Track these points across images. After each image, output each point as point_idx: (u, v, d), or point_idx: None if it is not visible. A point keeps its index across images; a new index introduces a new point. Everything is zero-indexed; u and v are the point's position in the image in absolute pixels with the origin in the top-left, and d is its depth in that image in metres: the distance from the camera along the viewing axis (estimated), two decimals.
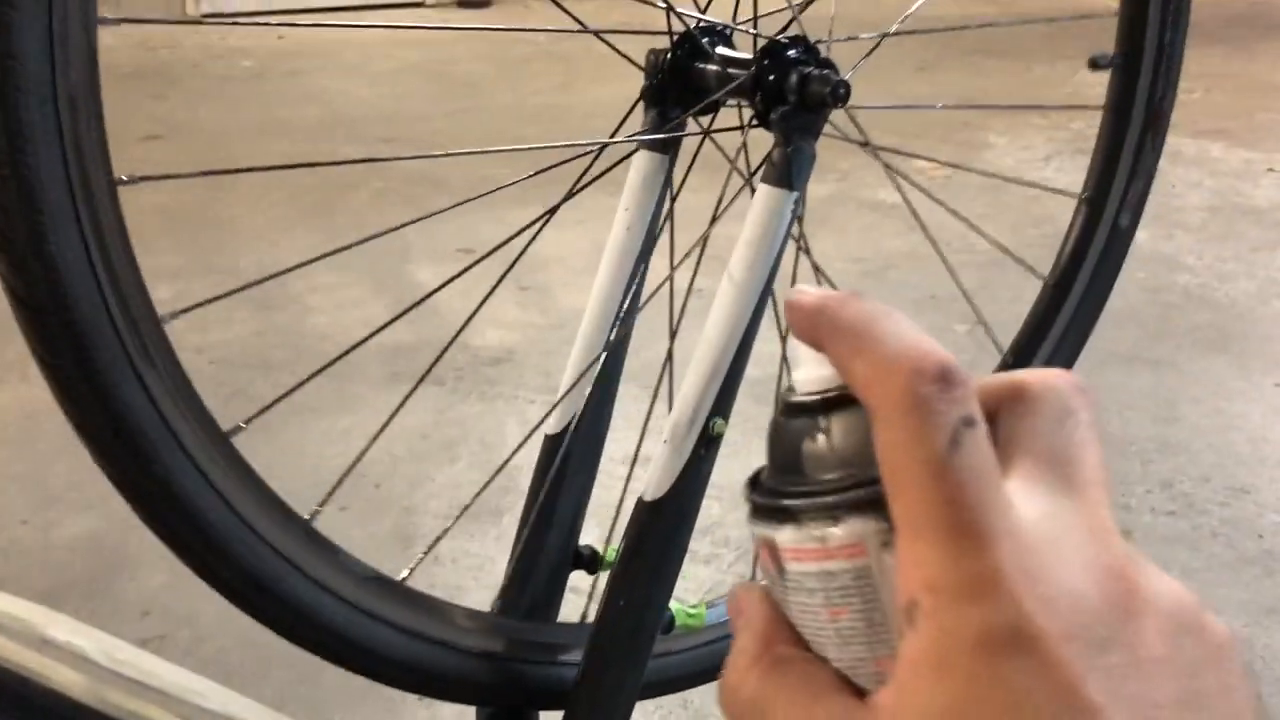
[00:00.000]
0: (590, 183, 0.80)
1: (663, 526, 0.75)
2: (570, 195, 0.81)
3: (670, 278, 0.84)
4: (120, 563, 1.81)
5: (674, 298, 0.85)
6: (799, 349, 0.29)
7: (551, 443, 0.86)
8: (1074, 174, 3.74)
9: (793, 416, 0.29)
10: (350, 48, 5.26)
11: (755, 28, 0.74)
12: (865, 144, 0.79)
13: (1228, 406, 2.35)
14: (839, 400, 0.29)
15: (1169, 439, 2.22)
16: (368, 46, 5.28)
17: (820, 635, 0.28)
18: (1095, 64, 1.03)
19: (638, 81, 0.81)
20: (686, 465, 0.74)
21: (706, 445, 0.74)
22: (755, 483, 0.30)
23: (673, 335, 0.86)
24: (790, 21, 0.73)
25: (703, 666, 0.85)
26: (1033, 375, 0.30)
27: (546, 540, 0.86)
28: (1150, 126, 1.03)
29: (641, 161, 0.82)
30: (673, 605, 0.81)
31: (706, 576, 1.80)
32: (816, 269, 0.86)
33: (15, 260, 0.56)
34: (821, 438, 0.28)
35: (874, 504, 0.27)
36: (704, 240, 0.84)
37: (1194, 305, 2.80)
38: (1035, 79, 4.90)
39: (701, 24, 0.77)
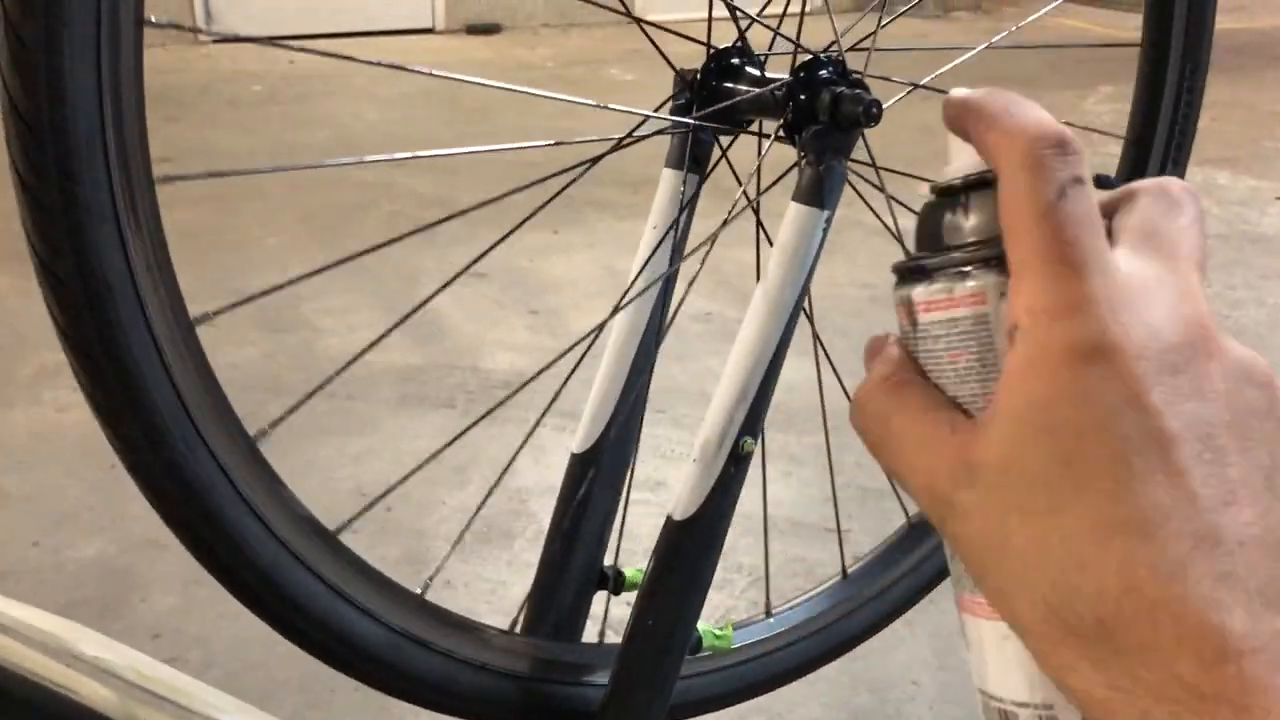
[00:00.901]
0: (591, 165, 0.80)
1: (692, 546, 0.75)
2: (567, 186, 0.80)
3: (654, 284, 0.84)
4: (131, 584, 1.80)
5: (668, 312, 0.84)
6: (951, 145, 0.35)
7: (577, 462, 0.85)
8: None
9: (938, 198, 0.35)
10: (359, 72, 5.29)
11: (792, 46, 0.74)
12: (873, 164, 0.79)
13: None
14: (978, 183, 0.34)
15: None
16: (376, 70, 5.31)
17: (942, 376, 0.33)
18: (1099, 182, 1.06)
19: (647, 106, 0.81)
20: (716, 484, 0.74)
21: (736, 464, 0.74)
22: (903, 261, 0.36)
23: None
24: (831, 44, 0.73)
25: (731, 688, 0.84)
26: (1148, 180, 0.35)
27: (571, 560, 0.85)
28: None
29: (670, 180, 0.82)
30: (700, 626, 0.80)
31: (719, 601, 1.79)
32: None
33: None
34: (960, 211, 0.34)
35: (997, 261, 0.32)
36: (701, 255, 0.83)
37: None
38: (1044, 105, 4.92)
39: (736, 43, 0.77)
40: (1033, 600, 0.29)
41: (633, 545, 1.88)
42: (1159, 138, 1.05)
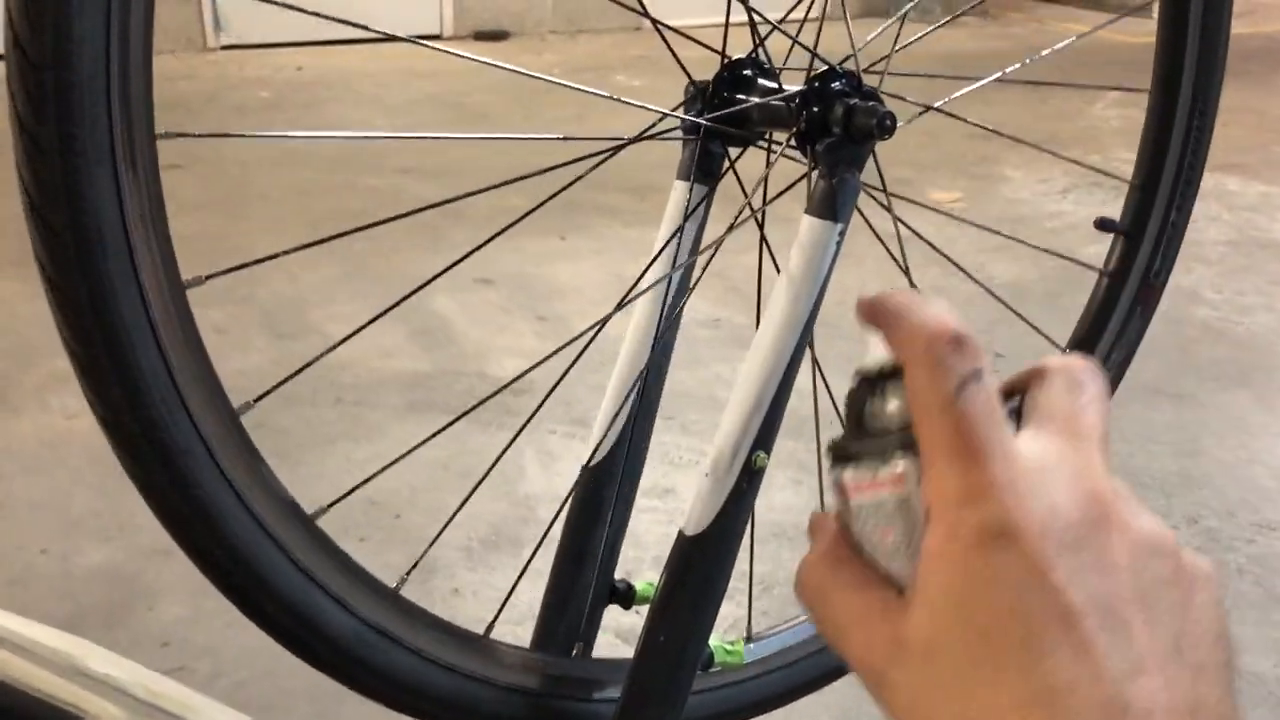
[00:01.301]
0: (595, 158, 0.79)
1: (703, 561, 0.74)
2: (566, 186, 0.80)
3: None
4: (139, 593, 1.80)
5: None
6: (869, 337, 0.37)
7: (588, 475, 0.85)
8: (1091, 207, 3.74)
9: (860, 387, 0.38)
10: (366, 79, 5.30)
11: (805, 58, 0.73)
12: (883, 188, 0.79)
13: (1251, 441, 2.33)
14: (892, 372, 0.37)
15: (1192, 473, 2.20)
16: (383, 77, 5.32)
17: (874, 551, 0.36)
18: (1101, 225, 1.07)
19: (654, 115, 0.81)
20: (728, 499, 0.73)
21: (749, 478, 0.73)
22: (834, 441, 0.39)
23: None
24: (846, 58, 0.73)
25: (742, 703, 0.84)
26: (1054, 359, 0.38)
27: (582, 574, 0.85)
28: (1141, 299, 1.06)
29: (680, 192, 0.81)
30: (712, 641, 0.80)
31: (727, 613, 1.77)
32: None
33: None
34: (879, 398, 0.37)
35: (912, 446, 0.35)
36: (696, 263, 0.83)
37: (1214, 339, 2.79)
38: (1050, 111, 4.92)
39: (751, 54, 0.77)
40: None
41: (641, 554, 1.88)
42: (1164, 183, 1.05)
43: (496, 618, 0.82)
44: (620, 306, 0.80)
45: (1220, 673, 0.32)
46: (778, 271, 0.81)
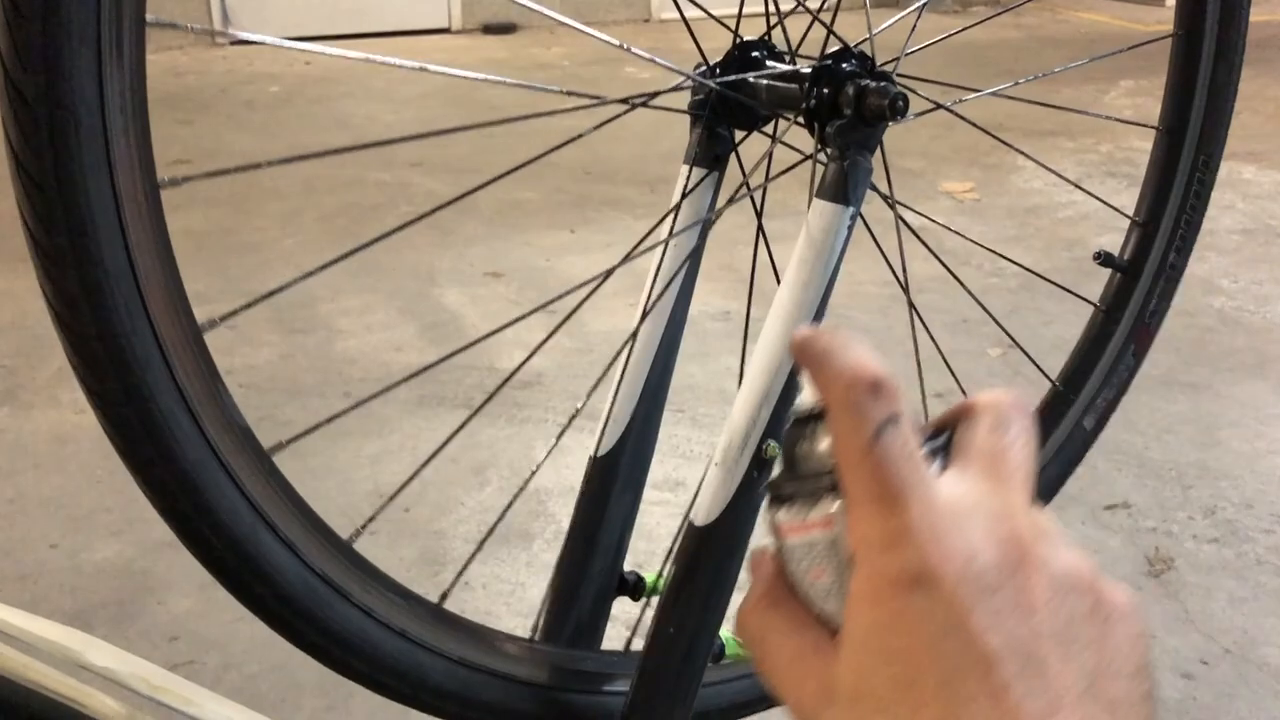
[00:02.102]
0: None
1: (714, 552, 0.73)
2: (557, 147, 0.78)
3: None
4: (149, 587, 1.79)
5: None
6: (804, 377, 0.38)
7: (596, 465, 0.83)
8: (1104, 197, 3.71)
9: (793, 428, 0.38)
10: (376, 73, 5.29)
11: (823, 41, 0.72)
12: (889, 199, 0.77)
13: (1268, 431, 2.31)
14: (821, 413, 0.37)
15: (1209, 464, 2.18)
16: (392, 72, 5.31)
17: (809, 592, 0.36)
18: (1102, 260, 1.06)
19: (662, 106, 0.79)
20: (738, 489, 0.72)
21: (759, 468, 0.72)
22: (770, 481, 0.39)
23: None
24: (863, 40, 0.71)
25: (754, 696, 0.82)
26: (981, 396, 0.38)
27: (590, 565, 0.84)
28: (1135, 339, 1.05)
29: (690, 179, 0.80)
30: (723, 633, 0.78)
31: (737, 601, 1.77)
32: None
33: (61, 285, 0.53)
34: (808, 441, 0.37)
35: (839, 489, 0.35)
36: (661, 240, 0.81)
37: (1230, 328, 2.76)
38: (1063, 100, 4.88)
39: (764, 36, 0.75)
40: None
41: (652, 546, 1.86)
42: (1165, 223, 1.04)
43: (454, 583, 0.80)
44: (645, 314, 0.79)
45: (1138, 706, 0.33)
46: (772, 264, 0.80)
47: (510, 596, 1.78)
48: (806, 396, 0.37)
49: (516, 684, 0.73)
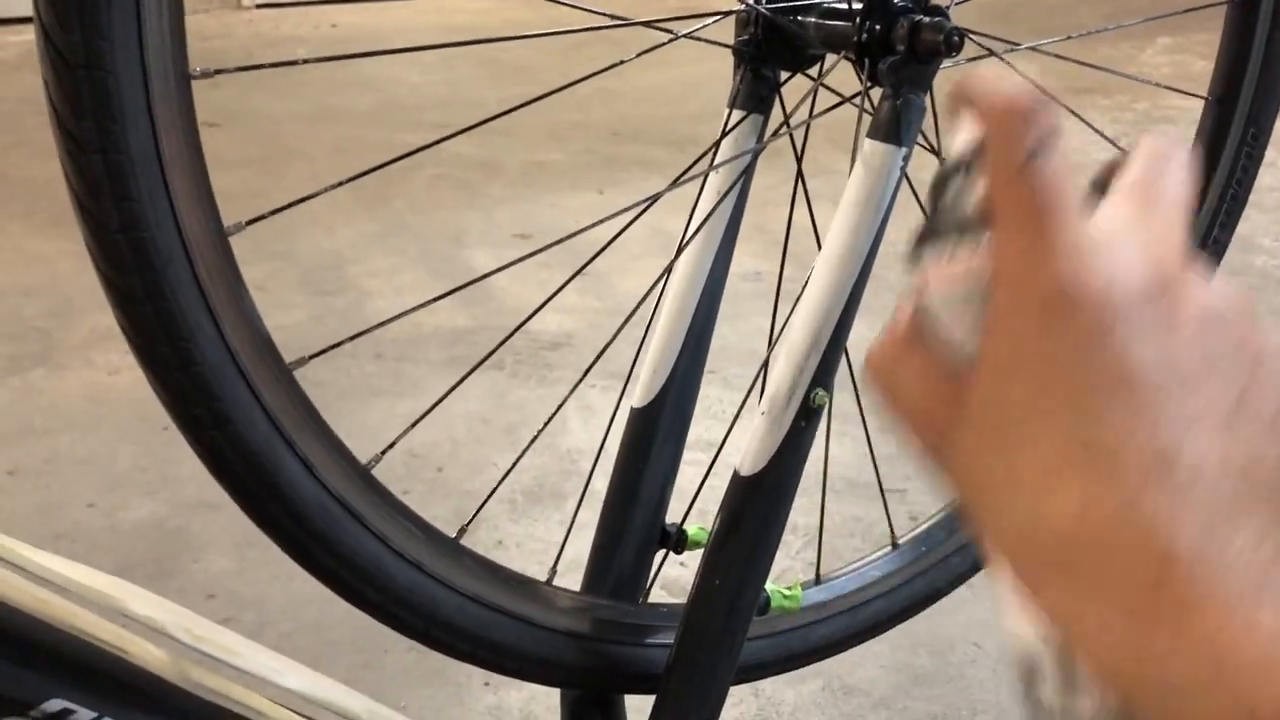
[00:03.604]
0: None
1: (760, 503, 0.72)
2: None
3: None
4: (185, 546, 1.80)
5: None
6: (960, 122, 0.37)
7: (638, 417, 0.82)
8: None
9: (944, 172, 0.37)
10: (401, 34, 5.26)
11: None
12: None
13: None
14: (976, 154, 0.36)
15: None
16: (418, 32, 5.28)
17: (949, 332, 0.35)
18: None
19: (695, 66, 0.76)
20: (785, 438, 0.71)
21: (807, 417, 0.71)
22: (918, 226, 0.38)
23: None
24: None
25: (799, 649, 0.81)
26: (1143, 140, 0.37)
27: (632, 518, 0.83)
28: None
29: (733, 122, 0.78)
30: (768, 586, 0.77)
31: (782, 553, 1.76)
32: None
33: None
34: (961, 180, 0.36)
35: (988, 228, 0.35)
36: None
37: (1273, 288, 2.71)
38: (1099, 58, 4.79)
39: None
40: (1009, 529, 0.32)
41: (683, 506, 1.86)
42: (1210, 197, 1.01)
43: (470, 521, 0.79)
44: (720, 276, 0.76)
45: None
46: (812, 220, 0.78)
47: (544, 555, 1.77)
48: (962, 139, 0.37)
49: (560, 635, 0.73)
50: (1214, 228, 1.02)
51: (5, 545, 0.59)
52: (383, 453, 0.69)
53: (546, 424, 0.93)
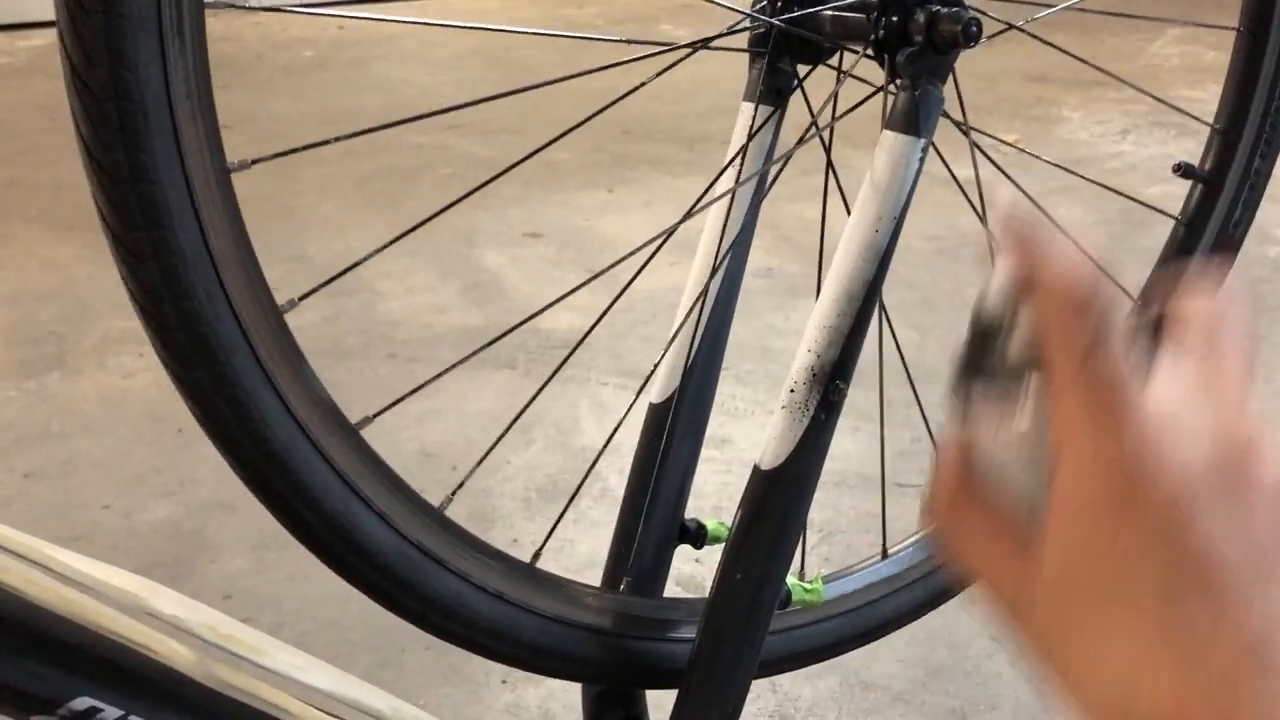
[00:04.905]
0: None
1: (780, 497, 0.72)
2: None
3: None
4: (201, 547, 1.81)
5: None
6: (999, 246, 0.36)
7: (656, 412, 0.82)
8: (1151, 147, 3.63)
9: (986, 318, 0.36)
10: (410, 36, 5.27)
11: None
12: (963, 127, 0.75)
13: None
14: (1017, 310, 0.35)
15: (1265, 416, 2.13)
16: (426, 34, 5.28)
17: (1003, 487, 0.35)
18: (1181, 171, 1.02)
19: (704, 63, 0.77)
20: (806, 432, 0.70)
21: (827, 410, 0.70)
22: (961, 359, 0.38)
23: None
24: None
25: (820, 643, 0.81)
26: (1193, 298, 0.37)
27: (651, 513, 0.83)
28: (1219, 251, 1.03)
29: (748, 115, 0.78)
30: (789, 580, 0.77)
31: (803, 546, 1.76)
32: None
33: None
34: (1003, 337, 0.36)
35: (1042, 379, 0.34)
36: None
37: None
38: (1108, 50, 4.78)
39: None
40: (1098, 705, 0.32)
41: (699, 503, 1.85)
42: (1249, 128, 1.00)
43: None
44: (682, 221, 0.77)
45: None
46: (845, 205, 0.77)
47: (559, 553, 1.78)
48: (1000, 279, 0.36)
49: (581, 630, 0.73)
50: (1254, 158, 1.00)
51: (31, 545, 0.59)
52: (451, 495, 0.71)
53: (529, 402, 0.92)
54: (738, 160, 0.78)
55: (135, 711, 0.58)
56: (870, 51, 0.69)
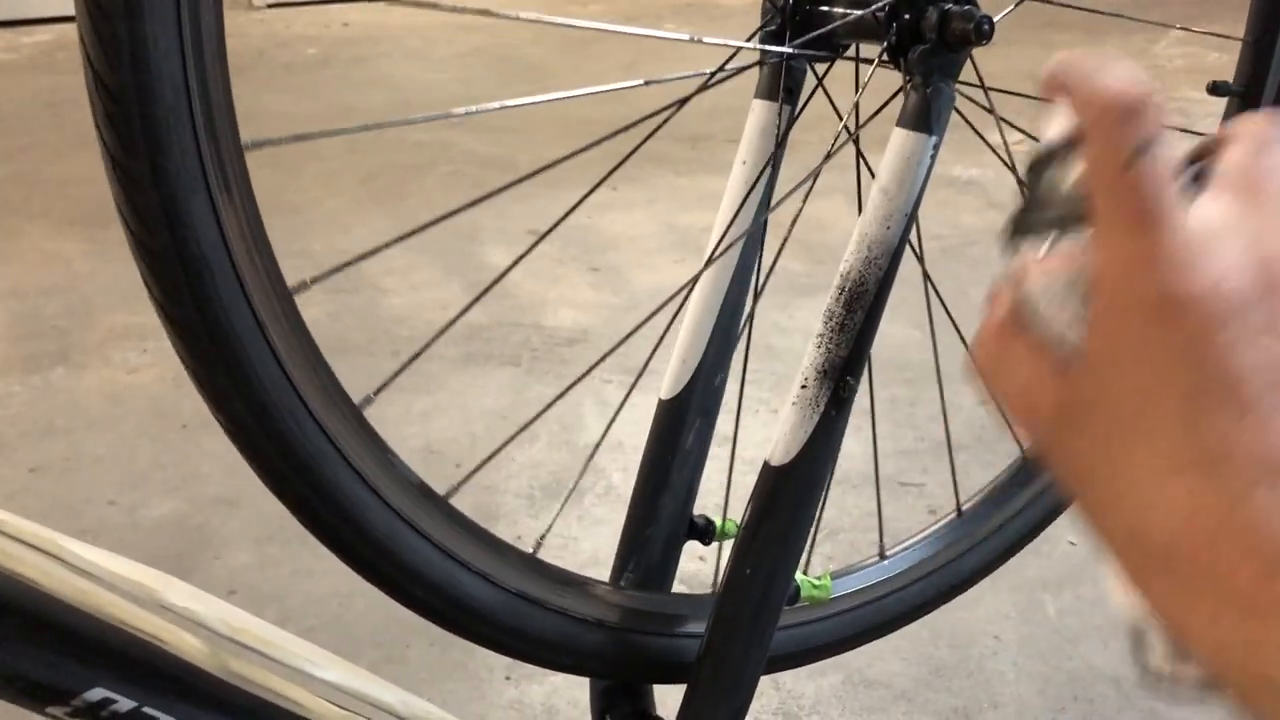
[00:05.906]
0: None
1: (790, 493, 0.72)
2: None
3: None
4: (206, 542, 1.81)
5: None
6: (1054, 107, 0.37)
7: (666, 408, 0.82)
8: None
9: (1041, 158, 0.37)
10: (413, 33, 5.27)
11: None
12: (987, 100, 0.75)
13: None
14: (1074, 141, 0.36)
15: None
16: (430, 32, 5.28)
17: (1050, 324, 0.36)
18: (1215, 90, 1.02)
19: (706, 60, 0.77)
20: (816, 428, 0.71)
21: (837, 406, 0.71)
22: (1013, 213, 0.38)
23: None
24: None
25: (829, 639, 0.81)
26: (1239, 123, 0.37)
27: (660, 509, 0.83)
28: None
29: (759, 112, 0.78)
30: (797, 576, 0.77)
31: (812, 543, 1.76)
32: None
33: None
34: (1058, 170, 0.36)
35: (1086, 220, 0.35)
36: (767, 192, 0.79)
37: None
38: (1111, 51, 4.78)
39: None
40: (1118, 526, 0.33)
41: (703, 500, 1.86)
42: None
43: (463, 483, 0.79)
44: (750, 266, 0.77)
45: None
46: (859, 203, 0.77)
47: (563, 550, 1.78)
48: (1057, 126, 0.36)
49: (589, 625, 0.73)
50: None
51: (44, 536, 0.60)
52: (454, 487, 0.72)
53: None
54: (748, 157, 0.79)
55: (148, 703, 0.59)
56: (886, 53, 0.70)
